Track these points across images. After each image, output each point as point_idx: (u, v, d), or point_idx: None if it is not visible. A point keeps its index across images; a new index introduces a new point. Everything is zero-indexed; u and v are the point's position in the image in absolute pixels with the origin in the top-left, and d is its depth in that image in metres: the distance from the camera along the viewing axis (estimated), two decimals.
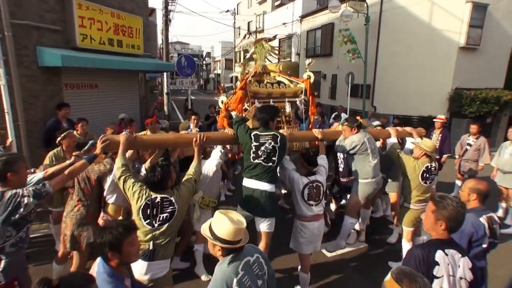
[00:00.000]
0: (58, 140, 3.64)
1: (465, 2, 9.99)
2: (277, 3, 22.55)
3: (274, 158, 3.00)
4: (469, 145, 5.81)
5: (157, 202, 2.33)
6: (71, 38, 6.44)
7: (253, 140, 3.00)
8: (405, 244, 3.66)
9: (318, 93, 14.78)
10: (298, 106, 4.23)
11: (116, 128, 5.35)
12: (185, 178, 2.61)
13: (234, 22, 29.87)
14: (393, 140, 3.91)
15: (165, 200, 2.35)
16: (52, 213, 3.86)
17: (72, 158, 2.76)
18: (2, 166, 2.15)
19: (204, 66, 47.49)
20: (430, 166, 3.46)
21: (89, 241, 2.96)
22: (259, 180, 3.00)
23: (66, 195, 3.23)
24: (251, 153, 3.00)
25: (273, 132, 3.05)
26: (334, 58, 14.11)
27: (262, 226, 3.06)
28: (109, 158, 3.05)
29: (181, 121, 8.83)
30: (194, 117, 5.55)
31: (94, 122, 6.65)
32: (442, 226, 1.78)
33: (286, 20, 18.29)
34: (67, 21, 6.37)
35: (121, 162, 2.51)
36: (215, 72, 43.53)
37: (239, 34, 29.50)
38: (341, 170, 4.57)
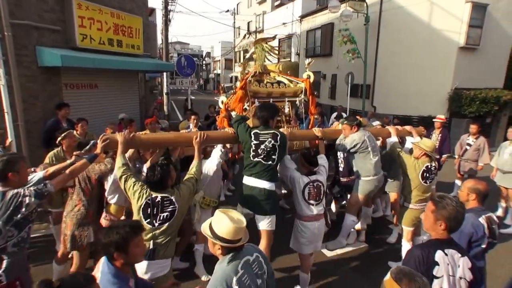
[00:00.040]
0: (58, 140, 3.63)
1: (464, 2, 9.99)
2: (277, 3, 22.54)
3: (274, 156, 3.00)
4: (468, 145, 5.81)
5: (157, 201, 2.33)
6: (71, 38, 6.45)
7: (253, 138, 3.00)
8: (405, 244, 3.67)
9: (318, 93, 14.78)
10: (298, 106, 4.23)
11: (115, 128, 5.33)
12: (186, 178, 2.61)
13: (234, 22, 29.88)
14: (393, 139, 3.91)
15: (165, 199, 2.35)
16: (52, 213, 3.85)
17: (72, 158, 2.76)
18: (3, 166, 2.14)
19: (204, 66, 47.49)
20: (430, 166, 3.46)
21: (89, 240, 2.97)
22: (259, 178, 3.01)
23: (65, 196, 3.22)
24: (251, 151, 3.00)
25: (273, 130, 3.05)
26: (334, 58, 14.11)
27: (263, 224, 3.05)
28: (109, 157, 3.05)
29: (180, 121, 8.83)
30: (193, 117, 5.53)
31: (94, 122, 6.65)
32: (441, 226, 1.79)
33: (286, 20, 18.28)
34: (67, 21, 6.37)
35: (121, 162, 2.51)
36: (215, 72, 43.53)
37: (239, 34, 29.50)
38: (341, 169, 4.57)
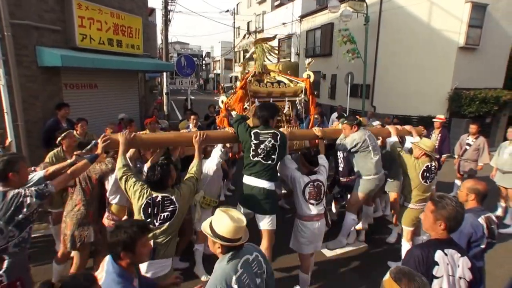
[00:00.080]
0: (58, 140, 3.63)
1: (464, 2, 10.00)
2: (276, 3, 22.53)
3: (273, 156, 3.00)
4: (468, 145, 5.81)
5: (157, 201, 2.34)
6: (71, 38, 6.44)
7: (253, 138, 3.00)
8: (404, 243, 3.67)
9: (318, 93, 14.78)
10: (298, 105, 4.23)
11: (115, 128, 5.33)
12: (186, 177, 2.61)
13: (234, 22, 29.87)
14: (393, 139, 3.92)
15: (165, 199, 2.35)
16: (51, 213, 3.85)
17: (73, 158, 2.76)
18: (3, 166, 2.14)
19: (203, 66, 47.45)
20: (430, 166, 3.46)
21: (89, 240, 2.96)
22: (258, 177, 3.01)
23: (65, 196, 3.22)
24: (251, 151, 3.01)
25: (273, 130, 3.05)
26: (333, 58, 14.11)
27: (263, 223, 3.06)
28: (110, 157, 3.05)
29: (180, 120, 8.83)
30: (193, 117, 5.53)
31: (94, 122, 6.65)
32: (441, 226, 1.78)
33: (285, 20, 18.28)
34: (67, 21, 6.37)
35: (122, 162, 2.51)
36: (215, 72, 43.51)
37: (239, 34, 29.49)
38: (341, 169, 4.57)
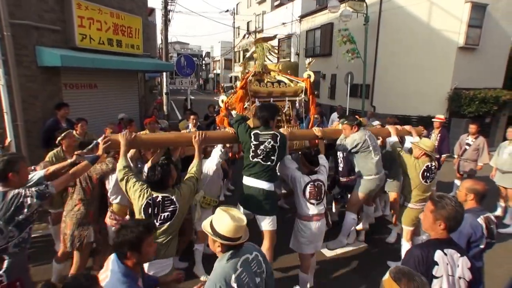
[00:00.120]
0: (58, 140, 3.63)
1: (464, 2, 10.00)
2: (276, 3, 22.53)
3: (273, 157, 3.00)
4: (468, 144, 5.81)
5: (158, 201, 2.34)
6: (71, 38, 6.44)
7: (252, 139, 3.00)
8: (404, 243, 3.67)
9: (318, 93, 14.79)
10: (297, 106, 4.23)
11: (115, 128, 5.32)
12: (186, 177, 2.62)
13: (234, 22, 29.86)
14: (393, 139, 3.92)
15: (166, 199, 2.36)
16: (51, 214, 3.84)
17: (73, 157, 2.76)
18: (3, 166, 2.14)
19: (203, 66, 47.43)
20: (430, 165, 3.47)
21: (89, 240, 2.96)
22: (258, 178, 3.01)
23: (65, 196, 3.22)
24: (251, 151, 3.01)
25: (273, 131, 3.05)
26: (333, 58, 14.11)
27: (264, 224, 3.06)
28: (111, 157, 3.05)
29: (180, 120, 8.83)
30: (193, 116, 5.52)
31: (94, 122, 6.64)
32: (441, 226, 1.78)
33: (285, 20, 18.28)
34: (67, 21, 6.37)
35: (122, 164, 2.52)
36: (215, 72, 43.50)
37: (239, 34, 29.49)
38: (340, 169, 4.57)
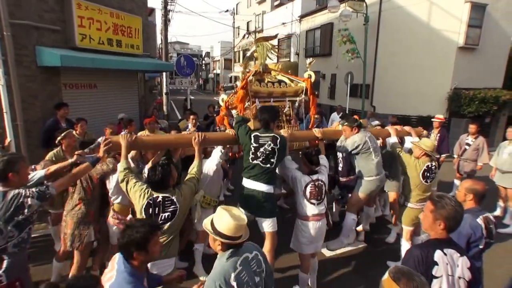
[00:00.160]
0: (58, 140, 3.63)
1: (464, 2, 10.01)
2: (276, 3, 22.52)
3: (272, 159, 3.00)
4: (468, 144, 5.81)
5: (158, 201, 2.34)
6: (70, 38, 6.44)
7: (252, 141, 3.00)
8: (404, 243, 3.68)
9: (318, 93, 14.78)
10: (297, 106, 4.22)
11: (115, 128, 5.32)
12: (187, 178, 2.62)
13: (234, 22, 29.83)
14: (393, 139, 3.93)
15: (166, 199, 2.36)
16: (51, 214, 3.84)
17: (74, 157, 2.77)
18: (3, 166, 2.14)
19: (203, 66, 47.38)
20: (430, 165, 3.48)
21: (89, 240, 2.97)
22: (257, 180, 3.01)
23: (66, 196, 3.22)
24: (250, 154, 3.01)
25: (273, 134, 3.04)
26: (333, 58, 14.11)
27: (264, 226, 3.06)
28: (111, 157, 3.05)
29: (179, 119, 8.83)
30: (192, 116, 5.52)
31: (93, 122, 6.64)
32: (440, 226, 1.78)
33: (285, 20, 18.28)
34: (67, 21, 6.37)
35: (123, 166, 2.52)
36: (214, 72, 43.46)
37: (238, 34, 29.47)
38: (340, 169, 4.58)
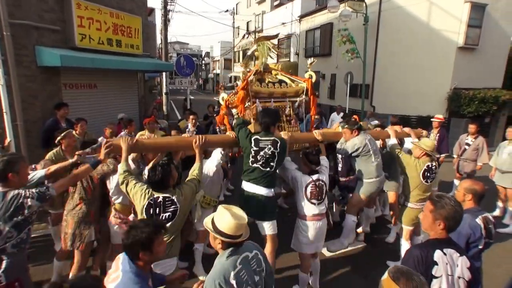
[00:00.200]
0: (58, 140, 3.63)
1: (463, 2, 10.02)
2: (276, 3, 22.52)
3: (272, 163, 3.00)
4: (467, 144, 5.82)
5: (159, 201, 2.35)
6: (70, 38, 6.44)
7: (253, 144, 3.00)
8: (404, 243, 3.68)
9: (318, 93, 14.79)
10: (299, 106, 4.22)
11: (115, 128, 5.32)
12: (188, 178, 2.63)
13: (233, 22, 29.82)
14: (393, 141, 3.93)
15: (167, 199, 2.37)
16: (51, 214, 3.84)
17: (75, 157, 2.76)
18: (3, 167, 2.14)
19: (203, 66, 47.36)
20: (431, 165, 3.48)
21: (90, 239, 2.97)
22: (257, 184, 3.01)
23: (66, 196, 3.22)
24: (250, 157, 3.01)
25: (273, 137, 3.04)
26: (333, 58, 14.12)
27: (265, 228, 3.06)
28: (112, 158, 3.05)
29: (179, 119, 8.83)
30: (192, 116, 5.52)
31: (93, 122, 6.64)
32: (440, 226, 1.79)
33: (285, 20, 18.28)
34: (66, 21, 6.36)
35: (123, 168, 2.52)
36: (214, 72, 43.45)
37: (238, 34, 29.47)
38: (339, 169, 4.58)
